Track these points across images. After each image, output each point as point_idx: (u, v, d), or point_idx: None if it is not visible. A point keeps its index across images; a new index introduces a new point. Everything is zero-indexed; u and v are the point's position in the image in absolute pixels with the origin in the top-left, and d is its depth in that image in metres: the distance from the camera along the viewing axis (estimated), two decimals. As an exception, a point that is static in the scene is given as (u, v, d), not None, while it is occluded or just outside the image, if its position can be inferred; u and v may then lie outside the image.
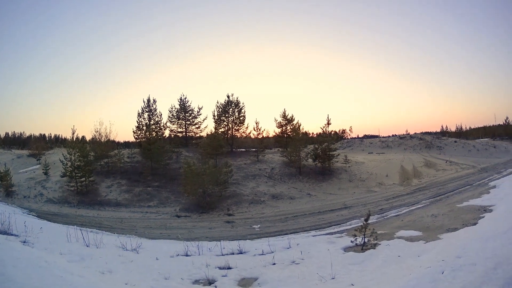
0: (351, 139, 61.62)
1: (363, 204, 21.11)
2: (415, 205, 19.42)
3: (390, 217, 17.13)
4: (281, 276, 8.58)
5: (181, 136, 33.75)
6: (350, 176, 28.35)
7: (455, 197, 20.22)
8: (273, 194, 23.19)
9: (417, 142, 50.84)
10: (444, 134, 74.20)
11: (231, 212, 19.98)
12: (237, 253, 11.30)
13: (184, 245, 11.46)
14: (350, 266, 9.14)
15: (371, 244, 11.11)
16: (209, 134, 28.95)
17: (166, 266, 9.31)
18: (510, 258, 6.81)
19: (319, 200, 22.87)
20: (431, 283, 6.50)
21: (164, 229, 16.62)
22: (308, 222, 17.62)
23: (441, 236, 11.79)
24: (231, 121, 33.03)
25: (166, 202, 21.35)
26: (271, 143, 38.97)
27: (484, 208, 15.44)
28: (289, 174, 27.58)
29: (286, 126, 35.10)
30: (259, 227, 16.86)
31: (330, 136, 32.66)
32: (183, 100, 33.43)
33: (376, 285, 7.39)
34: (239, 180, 24.94)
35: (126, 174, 25.08)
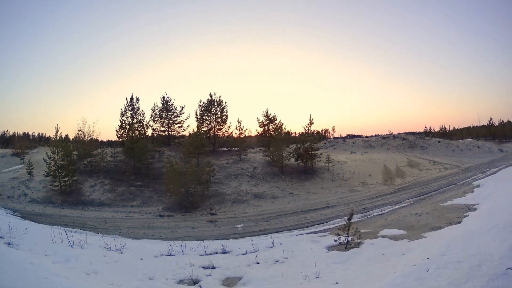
0: (333, 139, 61.92)
1: (346, 203, 21.17)
2: (398, 204, 19.59)
3: (374, 216, 17.23)
4: (265, 275, 8.55)
5: (163, 135, 33.56)
6: (333, 175, 28.48)
7: (439, 196, 20.52)
8: (255, 194, 23.19)
9: (400, 142, 51.35)
10: (427, 134, 75.10)
11: (214, 211, 19.94)
12: (221, 253, 11.28)
13: (167, 245, 11.40)
14: (334, 265, 9.18)
15: (354, 243, 11.18)
16: (191, 133, 28.89)
17: (151, 266, 9.26)
18: (494, 255, 6.84)
19: (302, 199, 22.94)
20: (416, 280, 6.57)
21: (148, 228, 16.53)
22: (291, 221, 17.63)
23: (426, 235, 11.95)
24: (214, 120, 32.94)
25: (149, 202, 21.21)
26: (254, 143, 39.14)
27: (468, 207, 15.76)
28: (271, 173, 27.60)
29: (269, 126, 35.27)
30: (242, 227, 16.84)
31: (313, 135, 32.94)
32: (166, 99, 33.27)
33: (361, 284, 7.42)
34: (221, 180, 24.87)
35: (109, 173, 24.82)
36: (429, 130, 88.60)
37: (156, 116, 33.13)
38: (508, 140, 66.56)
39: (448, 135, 76.25)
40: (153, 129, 33.14)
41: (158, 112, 33.16)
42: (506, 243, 7.37)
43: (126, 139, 27.65)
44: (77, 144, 27.40)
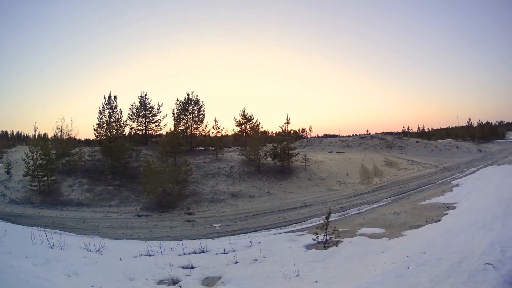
0: (310, 138, 62.41)
1: (323, 202, 21.24)
2: (376, 203, 19.85)
3: (352, 215, 17.45)
4: (244, 274, 8.58)
5: (141, 134, 33.23)
6: (310, 174, 28.68)
7: (417, 195, 20.88)
8: (232, 193, 23.23)
9: (378, 142, 51.88)
10: (405, 135, 76.29)
11: (192, 211, 19.90)
12: (199, 252, 11.28)
13: (146, 245, 11.37)
14: (313, 263, 9.25)
15: (333, 241, 11.33)
16: (168, 132, 28.77)
17: (130, 266, 9.23)
18: (474, 252, 7.04)
19: (279, 198, 23.04)
20: (397, 278, 6.68)
21: (126, 229, 16.42)
22: (268, 220, 17.69)
23: (405, 233, 12.24)
24: (191, 119, 32.78)
25: (127, 201, 21.03)
26: (230, 142, 39.19)
27: (447, 206, 16.18)
28: (248, 172, 27.69)
29: (245, 125, 35.42)
30: (219, 226, 16.84)
31: (290, 135, 33.16)
32: (143, 97, 32.93)
33: (341, 282, 7.49)
34: (198, 179, 24.84)
35: (87, 172, 24.44)
36: (407, 130, 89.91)
37: (134, 114, 32.75)
38: (487, 140, 68.18)
39: (427, 135, 77.56)
40: (130, 128, 32.74)
41: (136, 110, 32.77)
42: (486, 240, 7.64)
43: (104, 138, 27.21)
44: (55, 143, 26.86)
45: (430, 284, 6.10)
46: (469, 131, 76.40)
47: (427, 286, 6.07)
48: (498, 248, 6.95)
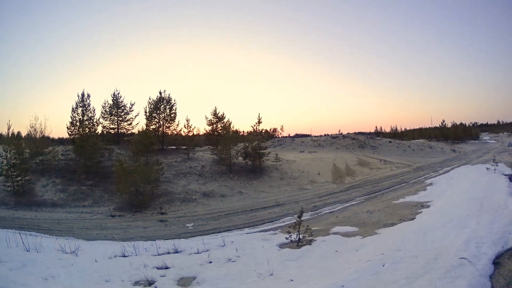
0: (282, 138, 62.96)
1: (295, 201, 21.49)
2: (349, 202, 20.20)
3: (324, 213, 17.68)
4: (219, 274, 8.53)
5: (113, 132, 32.84)
6: (282, 174, 29.01)
7: (390, 194, 21.38)
8: (204, 192, 23.31)
9: (350, 142, 52.78)
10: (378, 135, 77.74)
11: (164, 210, 19.91)
12: (173, 252, 11.25)
13: (120, 246, 11.25)
14: (287, 262, 9.32)
15: (306, 240, 11.40)
16: (140, 131, 28.61)
17: (106, 268, 9.08)
18: (450, 248, 7.34)
19: (251, 197, 23.25)
20: (372, 275, 6.74)
21: (100, 229, 16.25)
22: (241, 219, 17.79)
23: (379, 231, 12.39)
24: (163, 118, 32.69)
25: (100, 202, 20.80)
26: (202, 141, 39.33)
27: (421, 204, 16.54)
28: (219, 172, 27.83)
29: (217, 124, 35.51)
30: (192, 226, 16.88)
31: (261, 134, 33.56)
32: (116, 96, 32.62)
33: (316, 280, 7.46)
34: (170, 178, 24.84)
35: (60, 172, 23.96)
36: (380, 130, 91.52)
37: (106, 113, 32.39)
38: (460, 141, 70.27)
39: (400, 135, 79.43)
40: (103, 127, 32.38)
41: (109, 109, 32.42)
42: (461, 237, 8.05)
43: (77, 136, 26.76)
44: (29, 142, 26.23)
45: (407, 281, 6.20)
46: (443, 131, 78.42)
47: (404, 283, 6.15)
48: (473, 244, 7.35)
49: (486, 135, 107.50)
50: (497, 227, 8.59)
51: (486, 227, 8.75)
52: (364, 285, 6.38)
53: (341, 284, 6.52)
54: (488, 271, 6.14)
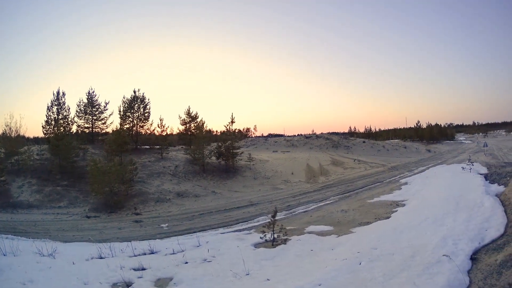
0: (255, 138, 63.08)
1: (269, 201, 21.69)
2: (323, 201, 20.46)
3: (299, 213, 17.90)
4: (195, 274, 8.56)
5: (87, 132, 32.40)
6: (255, 173, 29.26)
7: (365, 194, 21.81)
8: (178, 192, 23.37)
9: (323, 142, 53.17)
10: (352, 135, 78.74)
11: (139, 211, 19.87)
12: (149, 253, 11.31)
13: (97, 247, 11.33)
14: (263, 261, 9.42)
15: (281, 239, 11.55)
16: (114, 131, 28.25)
17: (83, 270, 9.06)
18: (427, 246, 7.48)
19: (225, 197, 23.34)
20: (349, 273, 6.82)
21: (76, 231, 16.08)
22: (215, 219, 17.84)
23: (354, 230, 12.56)
24: (136, 117, 32.44)
25: (75, 202, 20.55)
26: (175, 141, 39.08)
27: (396, 203, 16.81)
28: (193, 171, 27.89)
29: (190, 124, 35.51)
30: (167, 226, 16.90)
31: (234, 134, 33.62)
32: (91, 94, 32.14)
33: (293, 279, 7.47)
34: (144, 178, 24.77)
35: (36, 172, 23.43)
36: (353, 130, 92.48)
37: (81, 112, 31.91)
38: (436, 141, 71.78)
39: (374, 135, 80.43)
40: (77, 126, 31.93)
41: (83, 107, 31.94)
42: (438, 235, 8.20)
43: (52, 135, 26.24)
44: (4, 141, 25.60)
45: (384, 278, 6.29)
46: (418, 132, 79.67)
47: (381, 280, 6.23)
48: (450, 241, 7.52)
49: (461, 136, 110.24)
50: (474, 224, 8.72)
51: (462, 224, 8.88)
52: (342, 283, 6.45)
53: (318, 282, 6.57)
54: (466, 267, 6.28)
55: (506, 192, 11.32)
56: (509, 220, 8.39)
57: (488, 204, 10.39)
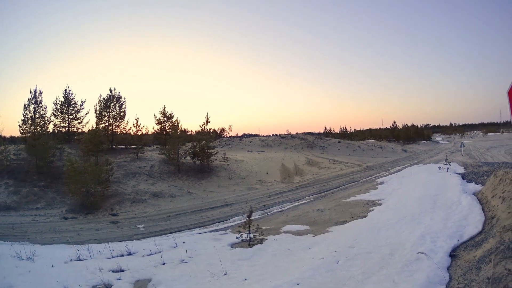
0: (230, 138, 63.08)
1: (244, 201, 21.91)
2: (299, 201, 20.68)
3: (274, 213, 18.06)
4: (173, 275, 8.63)
5: (64, 131, 32.00)
6: (230, 173, 29.39)
7: (341, 193, 22.08)
8: (153, 193, 23.34)
9: (298, 142, 53.49)
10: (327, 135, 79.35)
11: (115, 212, 19.82)
12: (127, 255, 11.35)
13: (75, 249, 11.27)
14: (240, 261, 9.58)
15: (257, 239, 11.80)
16: (90, 130, 28.08)
17: (63, 273, 9.06)
18: (405, 244, 7.66)
19: (200, 197, 23.42)
20: (327, 272, 6.91)
21: (54, 233, 15.92)
22: (191, 220, 17.90)
23: (330, 229, 12.79)
24: (112, 117, 32.19)
25: (53, 203, 20.24)
26: (151, 140, 39.11)
27: (372, 202, 17.21)
28: (168, 172, 27.89)
29: (165, 123, 35.63)
30: (143, 227, 16.89)
31: (209, 134, 33.79)
32: (67, 93, 31.82)
33: (271, 278, 7.58)
34: (120, 179, 24.65)
35: (13, 173, 22.94)
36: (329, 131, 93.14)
37: (58, 110, 31.54)
38: (412, 141, 73.04)
39: (349, 136, 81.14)
40: (54, 125, 31.57)
41: (60, 106, 31.59)
42: (415, 233, 8.41)
43: (29, 135, 25.96)
44: None
45: (363, 276, 6.38)
46: (394, 132, 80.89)
47: (360, 279, 6.32)
48: (428, 239, 7.71)
49: (438, 136, 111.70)
50: (452, 222, 8.89)
51: (440, 222, 9.06)
52: (320, 282, 6.53)
53: (296, 281, 6.65)
54: (445, 264, 6.40)
55: (484, 191, 11.66)
56: (487, 217, 8.61)
57: (466, 203, 10.70)
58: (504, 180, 9.75)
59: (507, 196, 8.46)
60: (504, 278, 4.54)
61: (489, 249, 5.97)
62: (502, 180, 10.03)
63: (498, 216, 7.87)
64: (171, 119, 35.62)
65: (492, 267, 5.09)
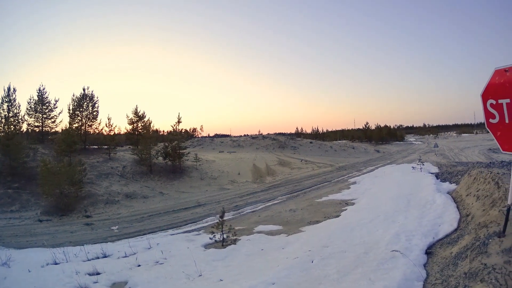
0: (201, 138, 63.16)
1: (217, 201, 22.12)
2: (271, 201, 20.92)
3: (247, 213, 18.24)
4: (149, 277, 8.66)
5: (37, 131, 31.55)
6: (201, 174, 29.59)
7: (313, 193, 22.32)
8: (126, 194, 23.45)
9: (270, 142, 53.77)
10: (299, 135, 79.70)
11: (89, 213, 19.82)
12: (102, 257, 11.40)
13: (51, 253, 11.24)
14: (214, 262, 9.62)
15: (231, 240, 11.90)
16: (63, 130, 27.94)
17: (40, 278, 8.98)
18: (379, 242, 7.68)
19: (172, 198, 23.64)
20: (302, 271, 6.88)
21: (30, 236, 15.83)
22: (164, 221, 18.00)
23: (303, 229, 12.84)
24: (85, 116, 32.01)
25: (27, 206, 20.07)
26: (123, 140, 39.01)
27: (345, 202, 17.32)
28: (140, 172, 27.98)
29: (138, 123, 35.40)
30: (117, 228, 16.93)
31: (181, 134, 34.05)
32: (41, 91, 31.33)
33: (246, 279, 7.57)
34: (93, 179, 24.59)
35: None
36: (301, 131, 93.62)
37: (31, 109, 31.04)
38: (385, 142, 74.23)
39: (321, 136, 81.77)
40: (28, 124, 31.08)
41: (34, 105, 31.10)
42: (390, 231, 8.40)
43: (2, 135, 25.34)
44: None
45: (339, 275, 6.33)
46: (367, 133, 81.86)
47: (336, 277, 6.26)
48: (403, 237, 7.72)
49: (412, 137, 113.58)
50: (427, 221, 8.88)
51: (415, 221, 9.04)
52: (295, 281, 6.50)
53: (272, 281, 6.65)
54: (421, 261, 6.40)
55: (458, 190, 11.78)
56: (462, 215, 8.67)
57: (440, 201, 10.74)
58: (479, 179, 9.95)
59: (482, 194, 8.51)
60: (481, 272, 4.68)
61: (465, 246, 6.10)
62: (477, 179, 10.22)
63: (473, 214, 7.94)
64: (143, 119, 35.46)
65: (469, 263, 5.24)
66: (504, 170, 10.53)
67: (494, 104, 5.13)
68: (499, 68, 4.95)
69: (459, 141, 74.48)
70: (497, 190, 7.54)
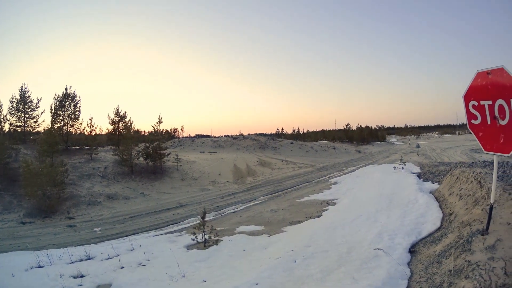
0: (182, 138, 63.10)
1: (198, 202, 22.32)
2: (252, 202, 21.25)
3: (228, 213, 18.46)
4: (132, 279, 8.73)
5: (20, 131, 31.31)
6: (183, 175, 29.74)
7: (294, 193, 22.77)
8: (108, 195, 23.44)
9: (250, 143, 53.98)
10: (279, 136, 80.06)
11: (72, 215, 19.80)
12: (86, 259, 11.44)
13: (35, 256, 11.26)
14: (197, 263, 9.72)
15: (213, 240, 12.05)
16: (46, 130, 27.67)
17: (24, 282, 9.07)
18: (362, 242, 7.87)
19: (154, 199, 23.73)
20: (285, 271, 7.01)
21: (13, 239, 15.69)
22: (146, 222, 18.04)
23: (285, 229, 13.04)
24: (67, 116, 31.85)
25: (10, 208, 19.81)
26: (104, 141, 38.85)
27: (327, 202, 17.56)
28: (122, 173, 27.99)
29: (119, 124, 35.33)
30: (100, 230, 16.90)
31: (162, 134, 34.50)
32: (23, 90, 31.06)
33: (229, 279, 7.70)
34: (75, 180, 24.55)
35: None
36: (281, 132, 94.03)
37: (14, 109, 30.82)
38: (366, 142, 75.07)
39: (302, 137, 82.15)
40: (10, 124, 30.87)
41: (16, 104, 30.87)
42: (372, 231, 8.65)
43: None
44: None
45: (322, 275, 6.46)
46: (348, 133, 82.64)
47: (319, 277, 6.39)
48: (386, 236, 7.97)
49: (393, 138, 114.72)
50: (409, 220, 9.12)
51: (397, 220, 9.28)
52: (279, 281, 6.61)
53: (255, 282, 6.72)
54: (405, 259, 6.62)
55: (440, 189, 12.20)
56: (445, 214, 8.90)
57: (423, 201, 11.08)
58: (461, 179, 10.28)
59: (465, 193, 8.79)
60: (465, 269, 4.84)
61: (448, 244, 6.27)
62: (459, 178, 10.57)
63: (456, 213, 8.16)
64: (124, 119, 35.39)
65: (453, 260, 5.40)
66: (487, 169, 11.02)
67: (476, 106, 5.48)
68: (482, 71, 5.30)
69: (441, 142, 75.67)
70: (480, 189, 7.99)
